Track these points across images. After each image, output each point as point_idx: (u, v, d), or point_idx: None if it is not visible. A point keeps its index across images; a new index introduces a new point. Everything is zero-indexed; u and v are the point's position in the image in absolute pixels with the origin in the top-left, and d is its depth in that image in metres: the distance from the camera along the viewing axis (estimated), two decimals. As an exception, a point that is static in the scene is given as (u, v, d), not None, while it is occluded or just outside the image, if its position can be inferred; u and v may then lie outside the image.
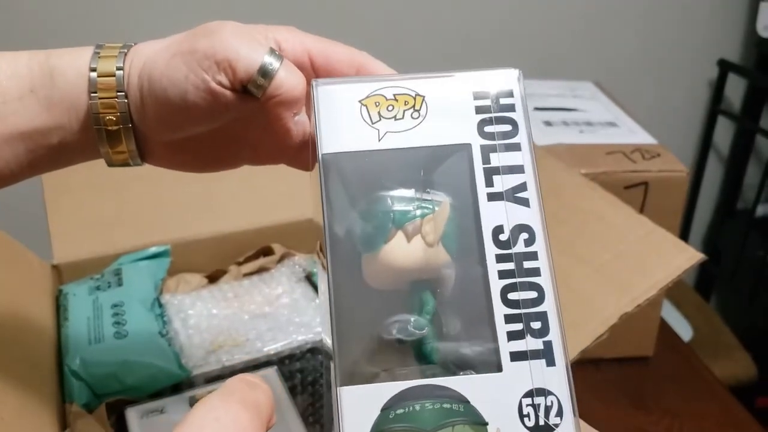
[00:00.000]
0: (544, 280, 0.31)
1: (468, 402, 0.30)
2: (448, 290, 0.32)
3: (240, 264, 0.71)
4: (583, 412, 0.30)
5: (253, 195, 0.74)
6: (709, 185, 1.49)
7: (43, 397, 0.53)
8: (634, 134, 0.92)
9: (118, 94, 0.37)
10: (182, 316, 0.62)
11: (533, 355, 0.30)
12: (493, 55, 1.29)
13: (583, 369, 0.31)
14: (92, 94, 0.37)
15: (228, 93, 0.36)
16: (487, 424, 0.29)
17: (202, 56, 0.35)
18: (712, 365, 0.89)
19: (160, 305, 0.64)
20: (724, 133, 1.45)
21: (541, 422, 0.30)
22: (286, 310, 0.63)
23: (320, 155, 0.32)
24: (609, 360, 0.85)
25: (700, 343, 1.19)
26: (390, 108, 0.34)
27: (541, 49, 1.31)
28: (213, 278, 0.71)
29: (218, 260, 0.71)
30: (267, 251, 0.72)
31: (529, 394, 0.30)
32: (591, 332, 0.54)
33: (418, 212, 0.33)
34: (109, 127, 0.38)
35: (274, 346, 0.59)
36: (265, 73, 0.35)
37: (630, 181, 0.82)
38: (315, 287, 0.66)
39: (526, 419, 0.30)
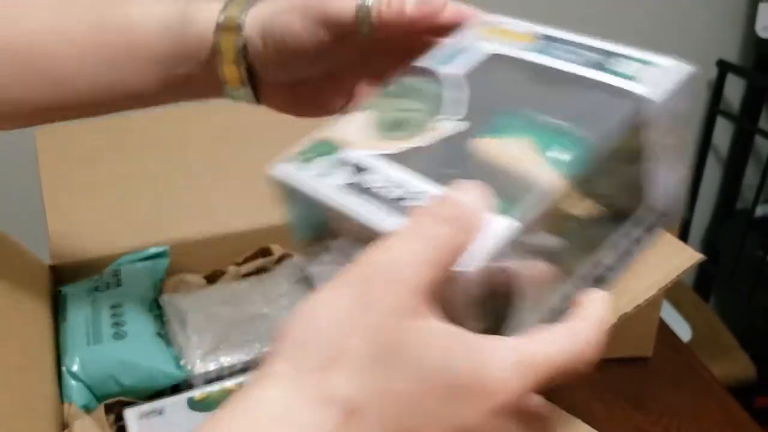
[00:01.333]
0: None
1: None
2: None
3: (239, 265, 0.71)
4: (582, 412, 0.30)
5: (252, 195, 0.74)
6: (708, 185, 1.49)
7: (41, 397, 0.53)
8: None
9: (238, 35, 0.44)
10: (181, 317, 0.62)
11: None
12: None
13: (582, 369, 0.32)
14: (217, 33, 0.44)
15: (330, 40, 0.42)
16: None
17: (312, 9, 0.41)
18: (711, 365, 0.89)
19: (159, 306, 0.64)
20: (723, 133, 1.46)
21: None
22: (285, 311, 0.63)
23: None
24: (608, 360, 0.85)
25: (699, 343, 1.19)
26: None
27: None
28: (212, 279, 0.70)
29: (217, 261, 0.71)
30: (266, 252, 0.72)
31: None
32: (590, 333, 0.54)
33: None
34: (227, 55, 0.44)
35: (273, 346, 0.59)
36: (362, 10, 0.41)
37: (629, 181, 0.82)
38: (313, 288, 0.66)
39: None
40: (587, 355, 0.29)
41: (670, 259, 0.60)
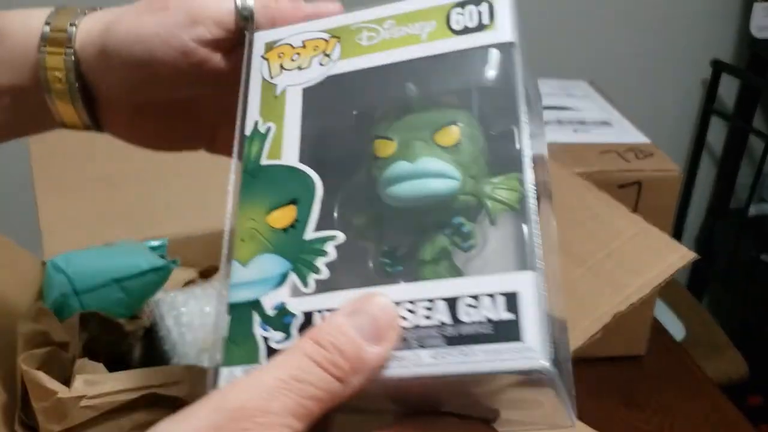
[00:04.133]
0: None
1: None
2: None
3: (233, 261, 0.71)
4: (576, 410, 0.30)
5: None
6: (702, 185, 1.50)
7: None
8: (627, 133, 0.92)
9: (67, 50, 0.36)
10: (175, 313, 0.62)
11: None
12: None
13: (576, 367, 0.31)
14: (41, 48, 0.36)
15: (202, 50, 0.35)
16: None
17: (177, 12, 0.35)
18: (704, 364, 0.89)
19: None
20: (717, 132, 1.46)
21: None
22: (279, 307, 0.63)
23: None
24: (602, 359, 0.85)
25: (693, 342, 1.20)
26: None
27: (535, 48, 1.31)
28: (206, 275, 0.70)
29: (211, 256, 0.71)
30: (260, 249, 0.72)
31: None
32: (584, 331, 0.54)
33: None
34: (56, 85, 0.37)
35: (267, 344, 0.59)
36: (244, 8, 0.35)
37: (623, 180, 0.83)
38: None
39: None
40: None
41: (663, 257, 0.61)
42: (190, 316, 0.61)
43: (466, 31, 0.33)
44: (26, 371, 0.46)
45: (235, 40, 0.36)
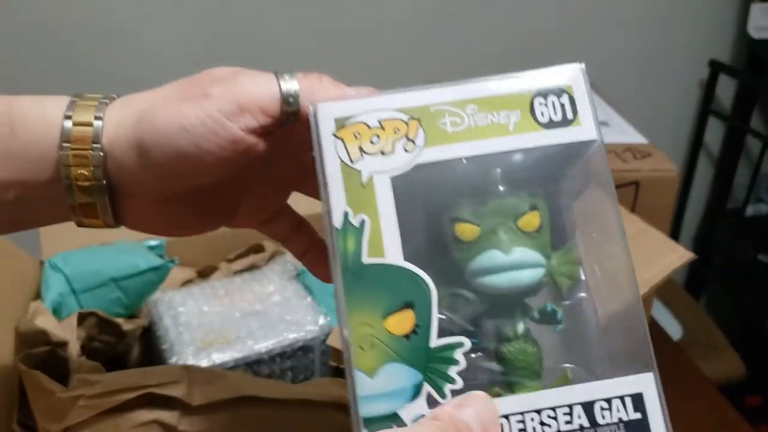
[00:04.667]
0: None
1: None
2: None
3: (230, 261, 0.71)
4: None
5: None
6: (699, 185, 1.50)
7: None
8: (625, 134, 0.93)
9: (94, 146, 0.33)
10: (172, 313, 0.62)
11: None
12: (485, 54, 1.29)
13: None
14: (64, 145, 0.33)
15: (250, 137, 0.33)
16: None
17: (222, 101, 0.33)
18: (701, 364, 0.89)
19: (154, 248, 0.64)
20: (714, 133, 1.46)
21: None
22: (277, 308, 0.63)
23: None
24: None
25: (690, 342, 1.20)
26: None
27: (532, 48, 1.31)
28: (204, 274, 0.70)
29: (209, 256, 0.71)
30: (257, 248, 0.72)
31: None
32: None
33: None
34: (80, 183, 0.34)
35: (265, 343, 0.59)
36: (289, 95, 0.34)
37: (621, 180, 0.83)
38: (305, 285, 0.66)
39: None
40: None
41: (661, 257, 0.61)
42: (188, 315, 0.61)
43: (552, 124, 0.33)
44: (24, 371, 0.46)
45: (278, 123, 0.34)
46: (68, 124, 0.34)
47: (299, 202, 0.41)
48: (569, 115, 0.33)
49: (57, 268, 0.56)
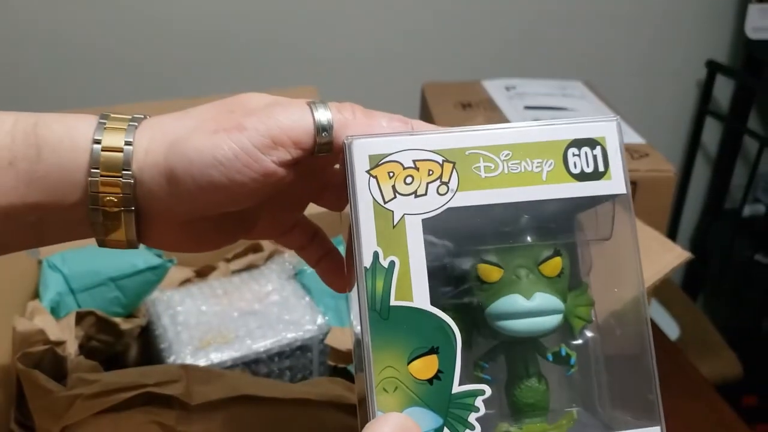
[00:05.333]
0: None
1: None
2: None
3: (228, 261, 0.71)
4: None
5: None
6: (696, 185, 1.50)
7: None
8: (622, 134, 0.93)
9: (124, 172, 0.33)
10: (171, 312, 0.62)
11: None
12: (483, 54, 1.29)
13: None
14: (93, 170, 0.33)
15: (281, 170, 0.33)
16: None
17: (256, 134, 0.32)
18: (698, 364, 0.90)
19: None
20: (711, 133, 1.46)
21: None
22: (275, 307, 0.63)
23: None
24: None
25: (687, 342, 1.20)
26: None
27: (531, 48, 1.31)
28: (202, 274, 0.70)
29: (207, 255, 0.71)
30: (256, 248, 0.72)
31: None
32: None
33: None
34: (108, 209, 0.33)
35: (264, 343, 0.59)
36: (322, 127, 0.33)
37: (619, 180, 0.83)
38: (304, 285, 0.66)
39: None
40: None
41: (658, 257, 0.61)
42: (186, 315, 0.61)
43: (584, 176, 0.33)
44: (22, 370, 0.46)
45: (310, 155, 0.34)
46: (97, 148, 0.33)
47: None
48: (601, 168, 0.34)
49: (55, 267, 0.56)
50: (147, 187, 0.33)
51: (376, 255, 0.32)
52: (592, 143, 0.34)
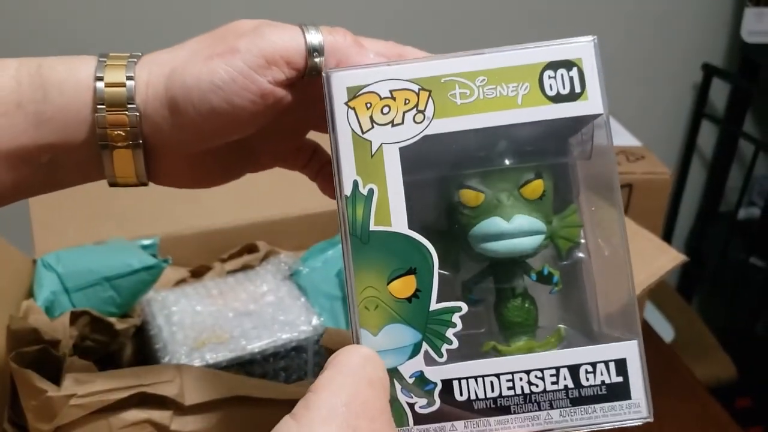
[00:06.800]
0: None
1: None
2: None
3: (224, 261, 0.71)
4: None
5: (239, 192, 0.73)
6: (692, 188, 1.51)
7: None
8: (619, 136, 0.93)
9: (129, 106, 0.34)
10: (166, 312, 0.62)
11: None
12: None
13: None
14: (98, 107, 0.34)
15: (279, 90, 0.34)
16: None
17: (249, 56, 0.33)
18: (693, 366, 0.90)
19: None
20: (707, 136, 1.47)
21: None
22: (270, 308, 0.63)
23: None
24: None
25: (682, 344, 1.20)
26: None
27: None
28: (197, 274, 0.70)
29: (202, 256, 0.71)
30: (251, 248, 0.72)
31: None
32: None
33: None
34: (117, 144, 0.34)
35: (259, 343, 0.59)
36: (314, 48, 0.34)
37: (614, 182, 0.83)
38: (299, 286, 0.66)
39: None
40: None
41: (653, 259, 0.61)
42: (181, 315, 0.61)
43: (560, 98, 0.34)
44: (16, 369, 0.46)
45: (302, 76, 0.35)
46: (101, 85, 0.34)
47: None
48: (577, 89, 0.34)
49: (50, 266, 0.56)
50: (152, 120, 0.34)
51: (356, 183, 0.33)
52: (568, 65, 0.34)
